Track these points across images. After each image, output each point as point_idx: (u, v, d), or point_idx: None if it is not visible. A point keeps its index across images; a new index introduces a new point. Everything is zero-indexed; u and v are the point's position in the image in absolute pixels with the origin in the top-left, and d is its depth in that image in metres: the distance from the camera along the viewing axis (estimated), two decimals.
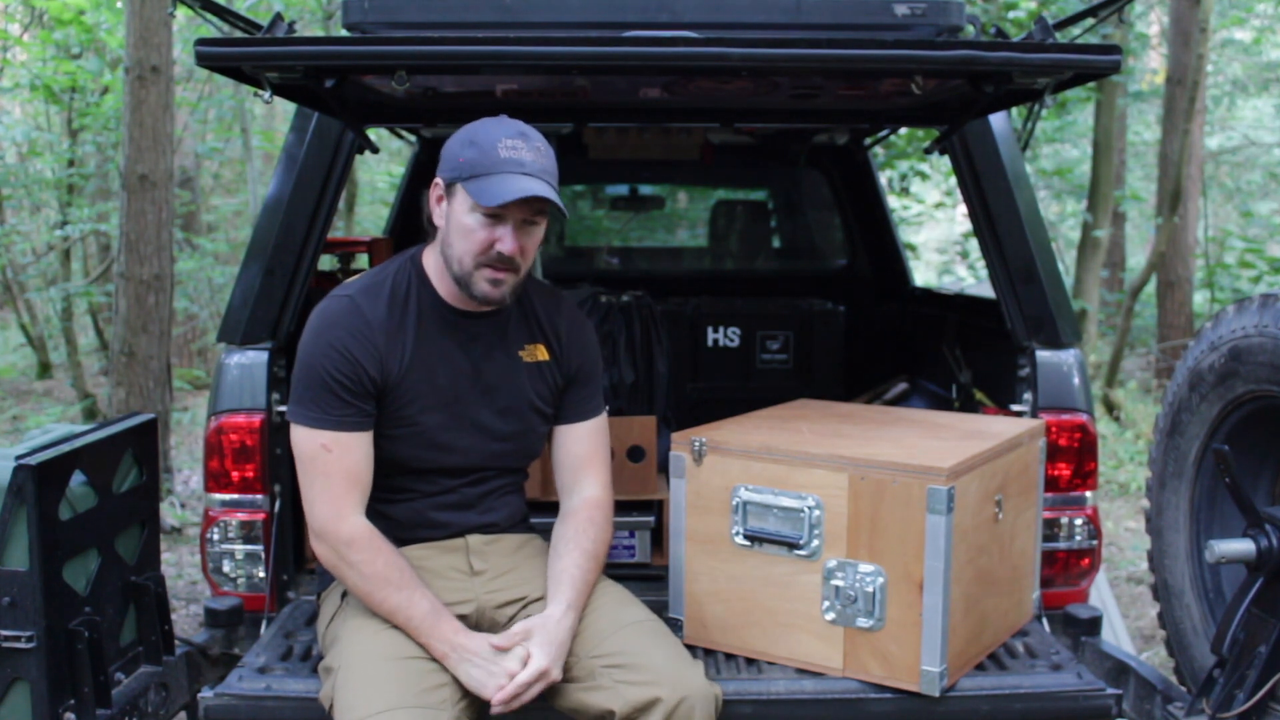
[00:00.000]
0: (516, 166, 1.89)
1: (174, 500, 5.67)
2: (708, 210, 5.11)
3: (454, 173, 1.93)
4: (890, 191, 8.97)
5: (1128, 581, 4.84)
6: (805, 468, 2.08)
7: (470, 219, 1.92)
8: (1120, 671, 2.17)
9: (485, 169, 1.89)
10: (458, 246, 1.95)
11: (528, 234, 1.95)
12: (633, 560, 2.73)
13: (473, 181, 1.89)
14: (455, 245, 1.96)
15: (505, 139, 1.90)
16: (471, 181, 1.90)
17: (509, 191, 1.86)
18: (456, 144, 1.94)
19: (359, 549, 1.92)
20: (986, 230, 2.58)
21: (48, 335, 9.79)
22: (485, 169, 1.89)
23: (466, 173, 1.90)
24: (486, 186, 1.88)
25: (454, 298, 2.04)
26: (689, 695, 1.84)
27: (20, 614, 1.86)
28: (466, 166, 1.91)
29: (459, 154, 1.93)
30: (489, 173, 1.88)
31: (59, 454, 1.96)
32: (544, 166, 1.92)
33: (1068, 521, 2.47)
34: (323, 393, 1.94)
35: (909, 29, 2.37)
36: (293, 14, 7.77)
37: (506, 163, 1.89)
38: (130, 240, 5.16)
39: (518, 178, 1.88)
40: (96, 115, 8.22)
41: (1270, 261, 8.39)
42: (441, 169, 1.97)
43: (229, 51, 1.89)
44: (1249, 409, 2.14)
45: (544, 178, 1.91)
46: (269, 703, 2.04)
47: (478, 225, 1.92)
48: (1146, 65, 12.90)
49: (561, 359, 2.14)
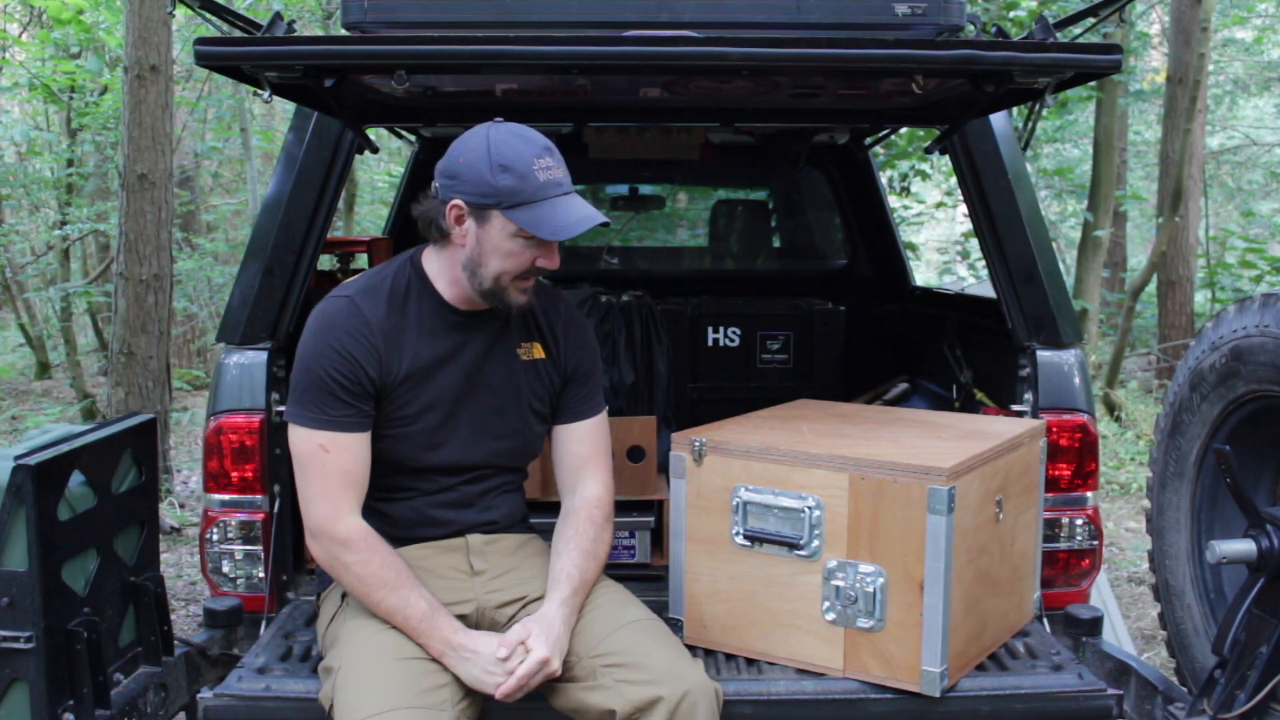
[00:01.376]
0: (557, 189, 1.90)
1: (173, 500, 5.66)
2: (708, 210, 5.11)
3: (490, 198, 1.89)
4: (891, 191, 8.96)
5: (1129, 582, 4.84)
6: (805, 468, 2.07)
7: (513, 243, 1.92)
8: (1121, 672, 2.17)
9: (529, 196, 1.87)
10: (494, 266, 1.94)
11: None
12: (633, 560, 2.73)
13: (521, 211, 1.88)
14: (491, 265, 1.94)
15: (536, 159, 1.88)
16: (519, 211, 1.88)
17: (573, 223, 1.87)
18: (483, 168, 1.88)
19: (354, 550, 1.91)
20: (987, 230, 2.57)
21: (47, 335, 9.79)
22: (529, 196, 1.87)
23: (509, 201, 1.88)
24: (543, 217, 1.87)
25: (457, 299, 2.04)
26: (690, 691, 1.84)
27: (19, 614, 1.86)
28: (506, 194, 1.87)
29: (491, 179, 1.87)
30: (534, 200, 1.87)
31: (58, 454, 1.96)
32: (569, 177, 1.94)
33: (1068, 522, 2.46)
34: (321, 393, 1.94)
35: (909, 28, 2.37)
36: (292, 14, 7.77)
37: (548, 186, 1.88)
38: (129, 240, 5.16)
39: (568, 202, 1.89)
40: (95, 115, 8.22)
41: (1271, 261, 8.37)
42: (464, 190, 1.91)
43: (228, 51, 1.88)
44: (1250, 409, 2.14)
45: (576, 192, 1.93)
46: (268, 703, 2.04)
47: (521, 248, 1.92)
48: (1147, 64, 12.91)
49: (559, 358, 2.14)
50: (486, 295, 1.99)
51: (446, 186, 1.94)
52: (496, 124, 1.94)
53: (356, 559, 1.91)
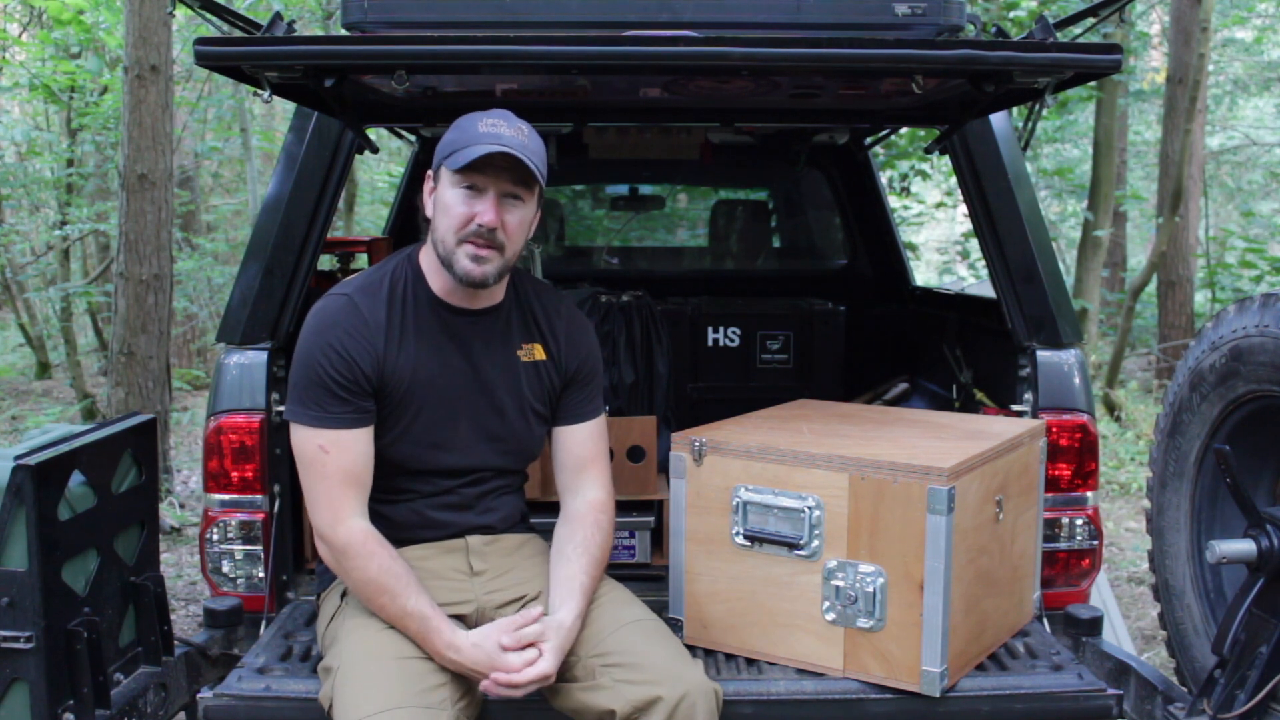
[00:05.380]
0: (494, 140, 1.91)
1: (173, 500, 5.66)
2: (708, 210, 5.11)
3: (439, 157, 1.98)
4: (891, 191, 8.96)
5: (1129, 582, 4.84)
6: (805, 468, 2.07)
7: (451, 194, 1.95)
8: (1121, 672, 2.17)
9: (464, 144, 1.92)
10: (441, 226, 1.98)
11: (509, 209, 1.95)
12: (633, 560, 2.73)
13: (451, 157, 1.93)
14: (439, 225, 1.98)
15: (486, 119, 1.94)
16: (450, 157, 1.94)
17: (472, 150, 1.89)
18: (445, 134, 1.99)
19: (353, 555, 1.91)
20: (987, 230, 2.57)
21: (47, 335, 9.79)
22: (464, 144, 1.92)
23: (447, 151, 1.95)
24: (461, 155, 1.91)
25: (451, 295, 2.04)
26: (690, 692, 1.84)
27: (19, 614, 1.86)
28: (447, 145, 1.95)
29: (444, 140, 1.97)
30: (466, 145, 1.92)
31: (58, 454, 1.96)
32: (523, 143, 1.93)
33: (1068, 522, 2.46)
34: (320, 392, 1.94)
35: (909, 28, 2.37)
36: (292, 14, 7.77)
37: (484, 136, 1.92)
38: (129, 240, 5.16)
39: (492, 146, 1.90)
40: (95, 115, 8.22)
41: (1271, 261, 8.38)
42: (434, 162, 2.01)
43: (228, 51, 1.89)
44: (1250, 409, 2.14)
45: (522, 153, 1.91)
46: (268, 703, 2.04)
47: (458, 200, 1.94)
48: (1147, 64, 12.91)
49: (559, 359, 2.14)
50: (445, 265, 1.99)
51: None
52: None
53: (355, 565, 1.91)
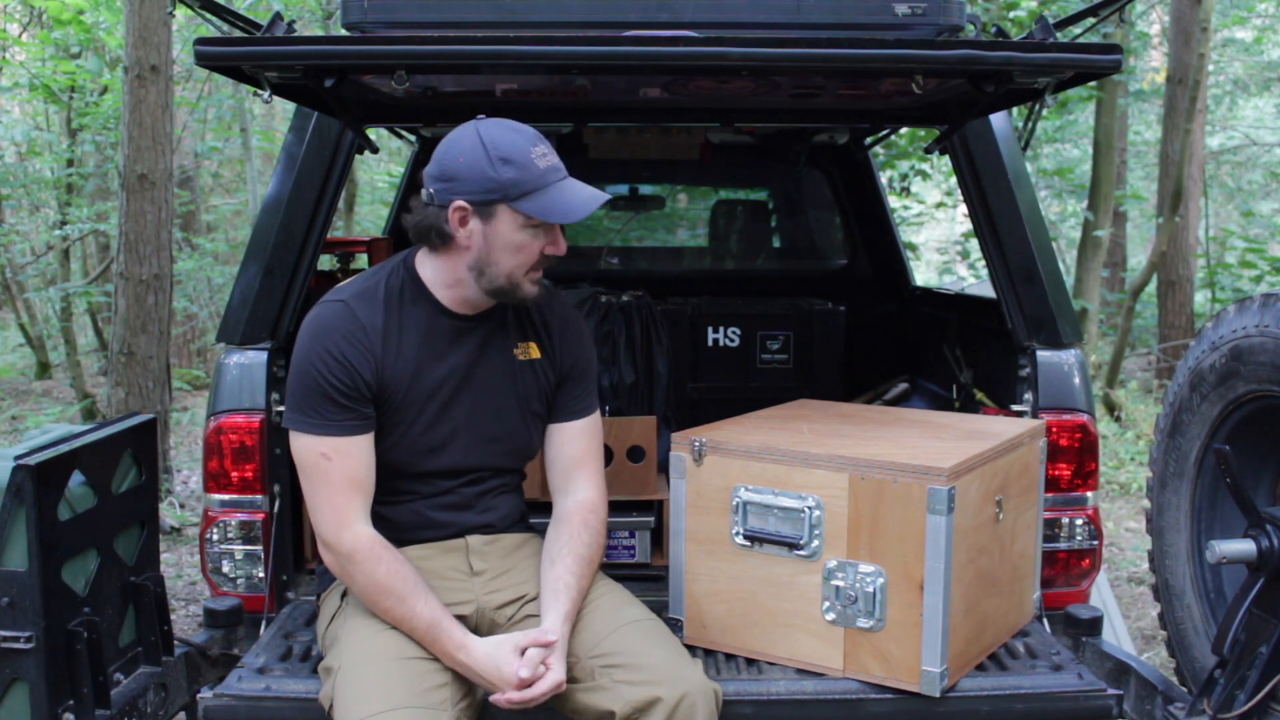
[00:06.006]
0: (557, 174, 1.91)
1: (173, 500, 5.66)
2: (708, 210, 5.11)
3: (495, 193, 1.88)
4: (891, 191, 8.96)
5: (1129, 582, 4.84)
6: (805, 468, 2.07)
7: (522, 235, 1.92)
8: (1121, 672, 2.17)
9: (534, 184, 1.88)
10: (506, 262, 1.94)
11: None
12: (633, 560, 2.73)
13: (527, 200, 1.88)
14: (502, 262, 1.94)
15: (532, 149, 1.89)
16: (525, 200, 1.88)
17: (581, 203, 1.89)
18: (484, 164, 1.86)
19: (359, 561, 1.91)
20: (987, 230, 2.57)
21: (47, 335, 9.79)
22: (534, 184, 1.88)
23: (514, 192, 1.87)
24: (551, 203, 1.88)
25: (455, 302, 2.03)
26: (689, 692, 1.84)
27: (19, 614, 1.85)
28: (511, 186, 1.87)
29: (494, 174, 1.86)
30: (539, 187, 1.88)
31: (58, 454, 1.96)
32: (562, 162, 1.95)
33: (1068, 522, 2.46)
34: (320, 399, 1.93)
35: (909, 28, 2.37)
36: (292, 14, 7.77)
37: (549, 172, 1.90)
38: (129, 240, 5.16)
39: (571, 185, 1.91)
40: (96, 115, 8.22)
41: (1271, 261, 8.38)
42: (466, 190, 1.88)
43: (228, 51, 1.88)
44: (1250, 409, 2.14)
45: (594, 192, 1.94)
46: (268, 703, 2.03)
47: (531, 239, 1.92)
48: (1147, 64, 12.91)
49: (554, 357, 2.13)
50: (497, 293, 1.98)
51: (445, 190, 1.90)
52: (482, 120, 1.93)
53: (361, 570, 1.91)
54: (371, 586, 1.90)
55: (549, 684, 1.84)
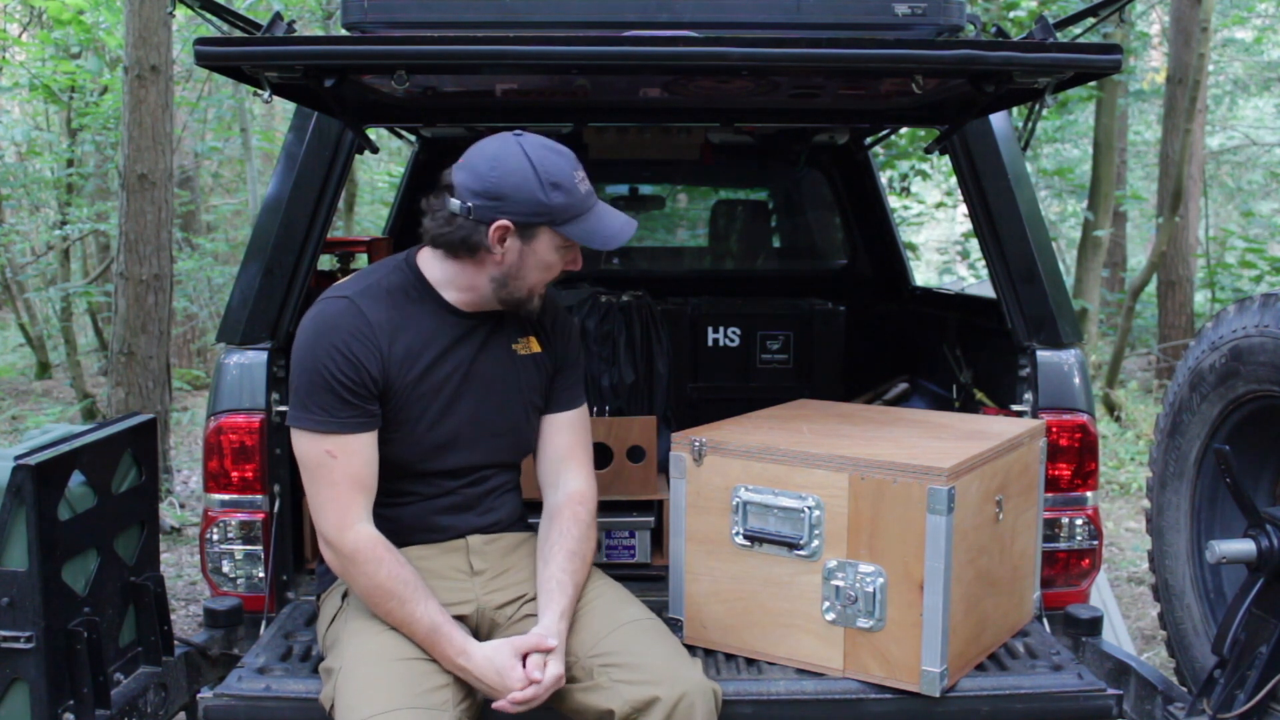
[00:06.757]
0: (593, 198, 1.96)
1: (173, 500, 5.66)
2: (708, 210, 5.11)
3: (542, 216, 1.90)
4: (891, 191, 8.97)
5: (1128, 582, 4.84)
6: (805, 468, 2.07)
7: (555, 255, 1.97)
8: (1121, 672, 2.17)
9: (578, 209, 1.92)
10: (533, 278, 1.98)
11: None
12: (633, 560, 2.73)
13: (573, 225, 1.92)
14: (530, 278, 1.98)
15: (574, 172, 1.93)
16: (571, 225, 1.92)
17: (618, 230, 1.95)
18: (534, 187, 1.88)
19: (361, 562, 1.90)
20: (987, 230, 2.57)
21: (47, 335, 9.80)
22: (578, 209, 1.92)
23: (562, 216, 1.91)
24: (593, 228, 1.93)
25: (464, 304, 2.04)
26: (688, 692, 1.83)
27: (19, 614, 1.85)
28: (559, 211, 1.90)
29: (544, 198, 1.88)
30: (581, 212, 1.93)
31: (58, 454, 1.96)
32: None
33: (1068, 522, 2.46)
34: (326, 396, 1.92)
35: (909, 28, 2.37)
36: (292, 14, 7.77)
37: (588, 197, 1.94)
38: (129, 240, 5.16)
39: (606, 210, 1.97)
40: (96, 115, 8.23)
41: (1271, 261, 8.39)
42: (513, 210, 1.89)
43: (228, 51, 1.88)
44: (1250, 409, 2.14)
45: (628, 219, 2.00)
46: (268, 703, 2.03)
47: (560, 258, 1.98)
48: (1147, 64, 12.91)
49: (550, 349, 2.15)
50: (511, 303, 2.02)
51: (489, 207, 1.90)
52: (523, 137, 1.93)
53: (362, 571, 1.90)
54: (373, 588, 1.90)
55: (549, 681, 1.84)
